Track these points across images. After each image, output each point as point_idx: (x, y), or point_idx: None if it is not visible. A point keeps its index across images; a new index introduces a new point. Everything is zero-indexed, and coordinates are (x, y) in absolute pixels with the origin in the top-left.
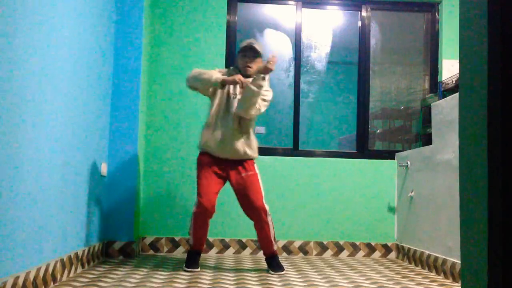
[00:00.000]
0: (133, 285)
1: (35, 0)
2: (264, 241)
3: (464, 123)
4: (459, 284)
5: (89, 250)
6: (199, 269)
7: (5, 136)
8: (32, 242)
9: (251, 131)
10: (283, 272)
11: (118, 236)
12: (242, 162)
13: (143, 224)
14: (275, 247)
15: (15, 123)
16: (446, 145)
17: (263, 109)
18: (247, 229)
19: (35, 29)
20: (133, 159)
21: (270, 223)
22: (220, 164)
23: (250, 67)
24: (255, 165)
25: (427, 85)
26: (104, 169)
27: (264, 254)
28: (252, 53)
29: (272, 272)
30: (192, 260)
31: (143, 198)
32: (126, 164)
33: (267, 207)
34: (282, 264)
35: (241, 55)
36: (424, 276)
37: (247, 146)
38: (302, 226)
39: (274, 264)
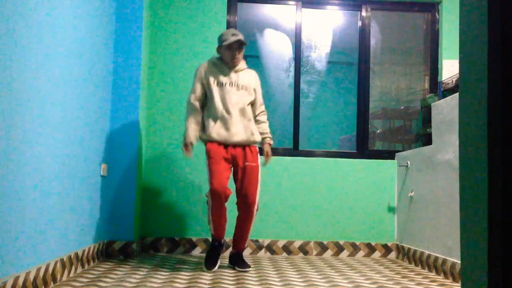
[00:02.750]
0: (133, 285)
1: None
2: (242, 235)
3: (464, 123)
4: (459, 284)
5: (89, 250)
6: (216, 268)
7: (5, 136)
8: (32, 242)
9: (252, 116)
10: (250, 269)
11: (118, 236)
12: (246, 148)
13: (143, 224)
14: (246, 245)
15: (14, 123)
16: (446, 145)
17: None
18: None
19: (34, 29)
20: (133, 159)
21: (254, 219)
22: (227, 150)
23: (238, 59)
24: (258, 155)
25: (427, 85)
26: (104, 169)
27: (234, 248)
28: (238, 44)
29: (239, 269)
30: (212, 258)
31: (143, 198)
32: (126, 164)
33: (257, 202)
34: (232, 273)
35: (226, 47)
36: (424, 276)
37: (250, 131)
38: (302, 226)
39: (240, 261)
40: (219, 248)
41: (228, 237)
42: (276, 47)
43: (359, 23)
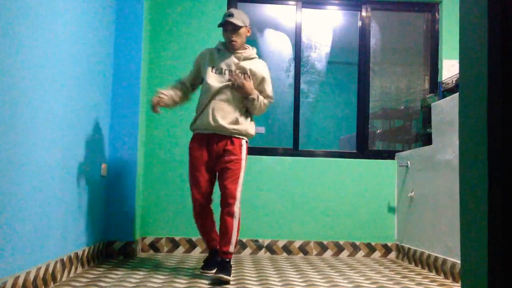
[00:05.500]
0: (133, 285)
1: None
2: (225, 233)
3: (464, 123)
4: (459, 284)
5: (89, 250)
6: (214, 270)
7: (5, 136)
8: (32, 242)
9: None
10: (228, 278)
11: (118, 236)
12: (228, 142)
13: (143, 224)
14: (231, 249)
15: (15, 123)
16: (446, 145)
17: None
18: (247, 229)
19: (34, 29)
20: (133, 160)
21: (237, 217)
22: (209, 149)
23: (235, 41)
24: (243, 147)
25: (427, 85)
26: (104, 169)
27: (218, 250)
28: (232, 26)
29: (215, 275)
30: (208, 262)
31: (143, 198)
32: (126, 164)
33: (238, 201)
34: (232, 274)
35: (223, 29)
36: (424, 276)
37: (236, 118)
38: (302, 226)
39: (221, 267)
40: (216, 256)
41: None
42: (276, 47)
43: (359, 23)
